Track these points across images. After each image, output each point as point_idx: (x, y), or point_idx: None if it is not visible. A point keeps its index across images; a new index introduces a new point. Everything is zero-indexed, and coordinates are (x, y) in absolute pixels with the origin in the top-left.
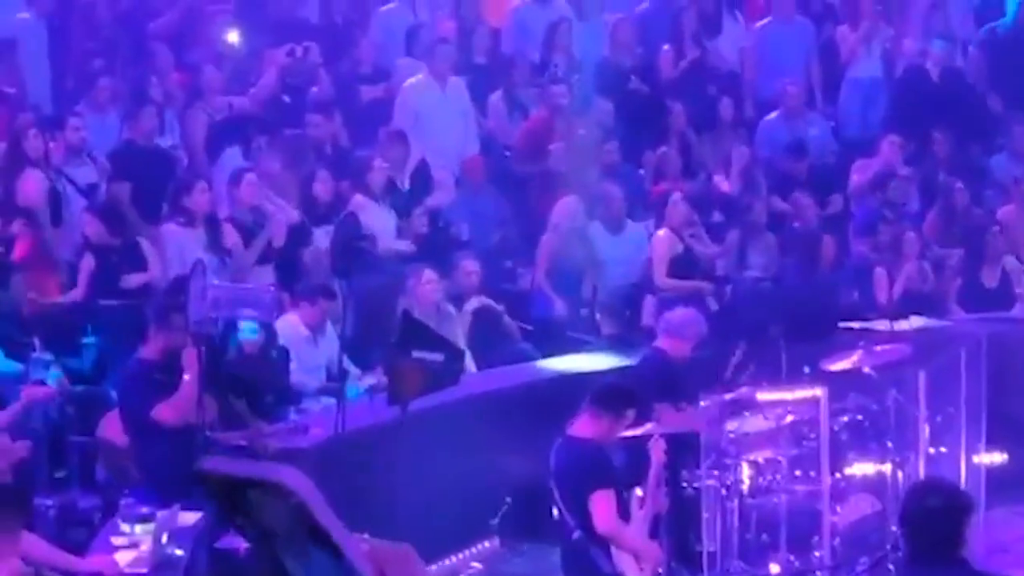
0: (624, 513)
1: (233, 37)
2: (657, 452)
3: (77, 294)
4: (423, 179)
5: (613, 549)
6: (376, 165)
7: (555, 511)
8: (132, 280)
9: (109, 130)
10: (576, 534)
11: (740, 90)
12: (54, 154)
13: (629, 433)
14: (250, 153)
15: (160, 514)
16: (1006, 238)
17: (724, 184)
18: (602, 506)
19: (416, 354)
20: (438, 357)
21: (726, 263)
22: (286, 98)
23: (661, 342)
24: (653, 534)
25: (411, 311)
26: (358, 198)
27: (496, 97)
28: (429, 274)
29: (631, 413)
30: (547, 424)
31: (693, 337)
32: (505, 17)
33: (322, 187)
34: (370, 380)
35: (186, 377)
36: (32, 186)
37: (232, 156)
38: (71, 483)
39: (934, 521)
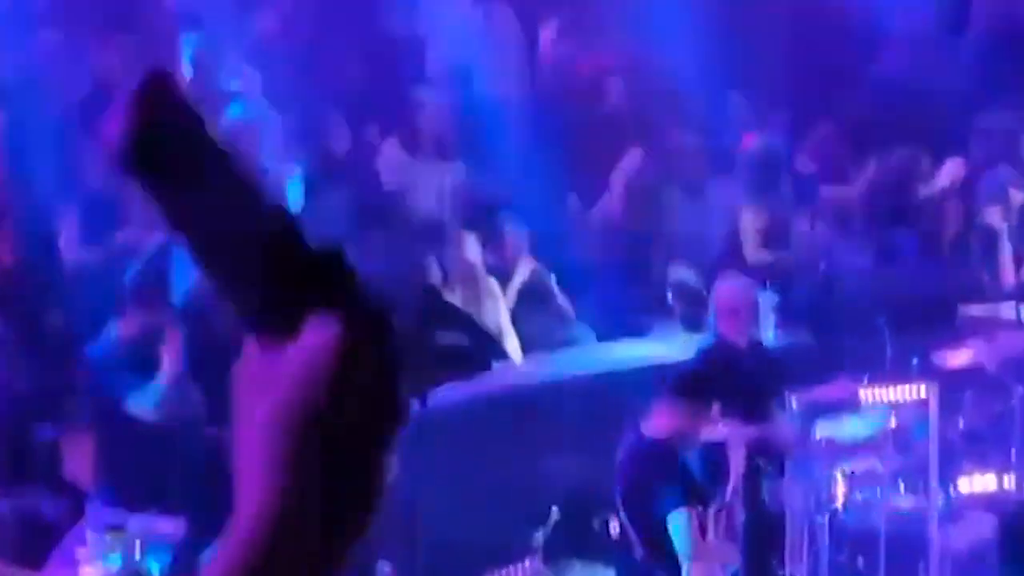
0: (701, 529)
1: None
2: (737, 459)
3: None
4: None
5: (685, 572)
6: (428, 101)
7: (613, 525)
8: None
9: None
10: (639, 552)
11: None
12: None
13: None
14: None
15: (134, 522)
16: None
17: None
18: (685, 527)
19: (439, 336)
20: (464, 340)
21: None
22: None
23: (718, 326)
24: None
25: (438, 286)
26: (388, 147)
27: (547, 30)
28: (471, 240)
29: (715, 405)
30: (604, 423)
31: (738, 309)
32: None
33: (337, 135)
34: None
35: (166, 362)
36: None
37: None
38: (34, 484)
39: None
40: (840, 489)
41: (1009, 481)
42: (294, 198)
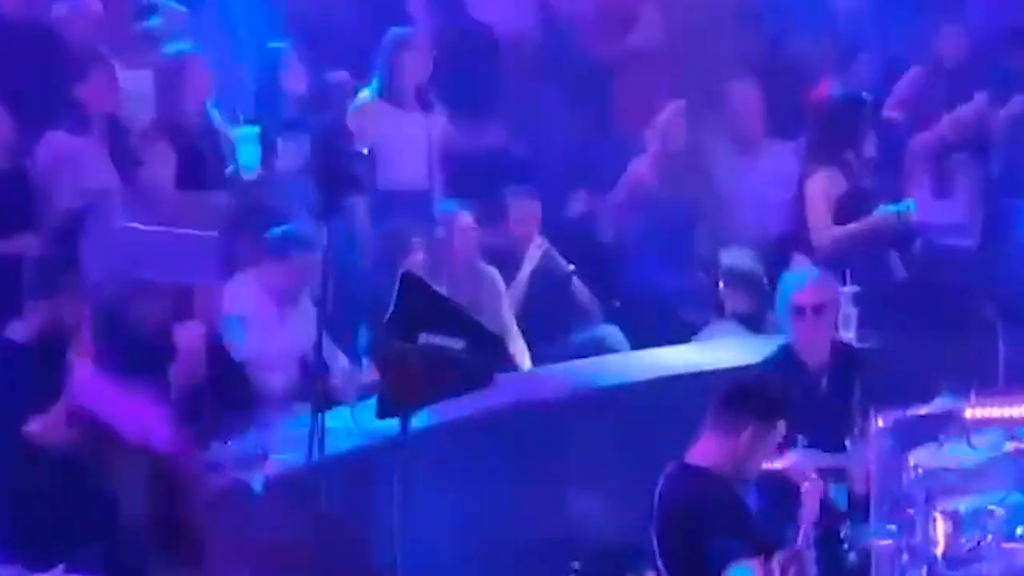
0: None
1: None
2: (810, 496)
3: None
4: None
5: None
6: (418, 43)
7: None
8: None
9: None
10: None
11: None
12: None
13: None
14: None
15: None
16: None
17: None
18: None
19: (424, 339)
20: (458, 344)
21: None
22: None
23: (787, 327)
24: None
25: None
26: (363, 97)
27: None
28: (466, 218)
29: (779, 424)
30: (638, 449)
31: (812, 306)
32: None
33: (292, 78)
34: (365, 377)
35: (75, 368)
36: None
37: None
38: None
39: None
40: (941, 533)
41: None
42: (250, 159)
